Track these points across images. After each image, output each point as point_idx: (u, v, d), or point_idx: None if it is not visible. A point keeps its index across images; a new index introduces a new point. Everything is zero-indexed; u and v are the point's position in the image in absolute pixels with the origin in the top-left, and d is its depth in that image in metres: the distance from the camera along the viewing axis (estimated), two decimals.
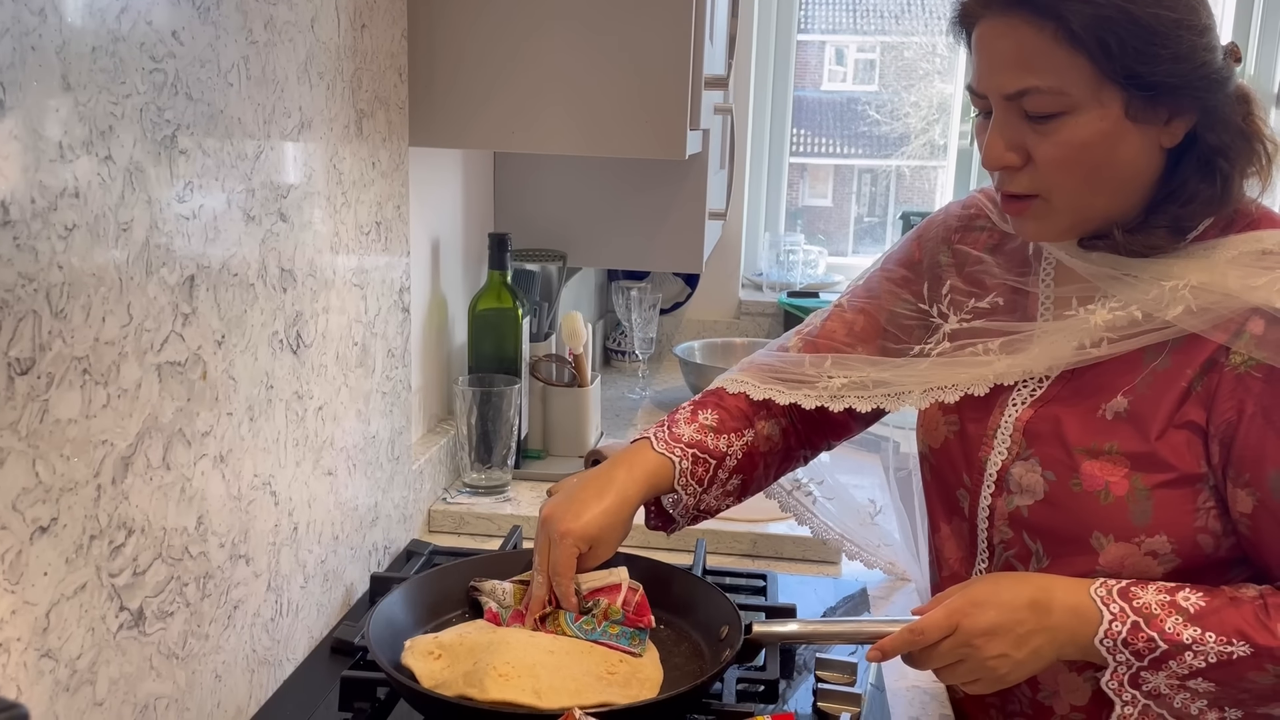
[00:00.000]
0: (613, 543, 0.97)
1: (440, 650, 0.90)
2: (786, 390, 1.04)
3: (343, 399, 1.08)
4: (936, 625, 0.87)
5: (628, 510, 0.97)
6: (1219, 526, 0.87)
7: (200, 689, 0.84)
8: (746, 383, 1.07)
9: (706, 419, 1.04)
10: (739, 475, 1.05)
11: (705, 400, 1.07)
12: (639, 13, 1.17)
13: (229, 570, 0.87)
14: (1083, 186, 0.87)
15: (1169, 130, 0.86)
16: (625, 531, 0.98)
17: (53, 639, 0.66)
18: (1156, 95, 0.83)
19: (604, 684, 0.87)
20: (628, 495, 0.97)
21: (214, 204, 0.81)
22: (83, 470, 0.68)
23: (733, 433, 1.04)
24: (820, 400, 1.03)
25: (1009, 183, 0.89)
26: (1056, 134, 0.85)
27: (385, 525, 1.22)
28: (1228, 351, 0.85)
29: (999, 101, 0.87)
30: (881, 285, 1.09)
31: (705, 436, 1.03)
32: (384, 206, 1.16)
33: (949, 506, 1.01)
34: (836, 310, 1.10)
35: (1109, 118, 0.84)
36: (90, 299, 0.67)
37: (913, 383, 0.99)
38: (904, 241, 1.11)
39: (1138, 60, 0.82)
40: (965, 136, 2.57)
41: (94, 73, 0.66)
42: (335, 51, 1.01)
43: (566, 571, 0.93)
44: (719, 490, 1.04)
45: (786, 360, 1.07)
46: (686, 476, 1.01)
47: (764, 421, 1.07)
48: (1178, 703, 0.85)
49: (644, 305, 2.07)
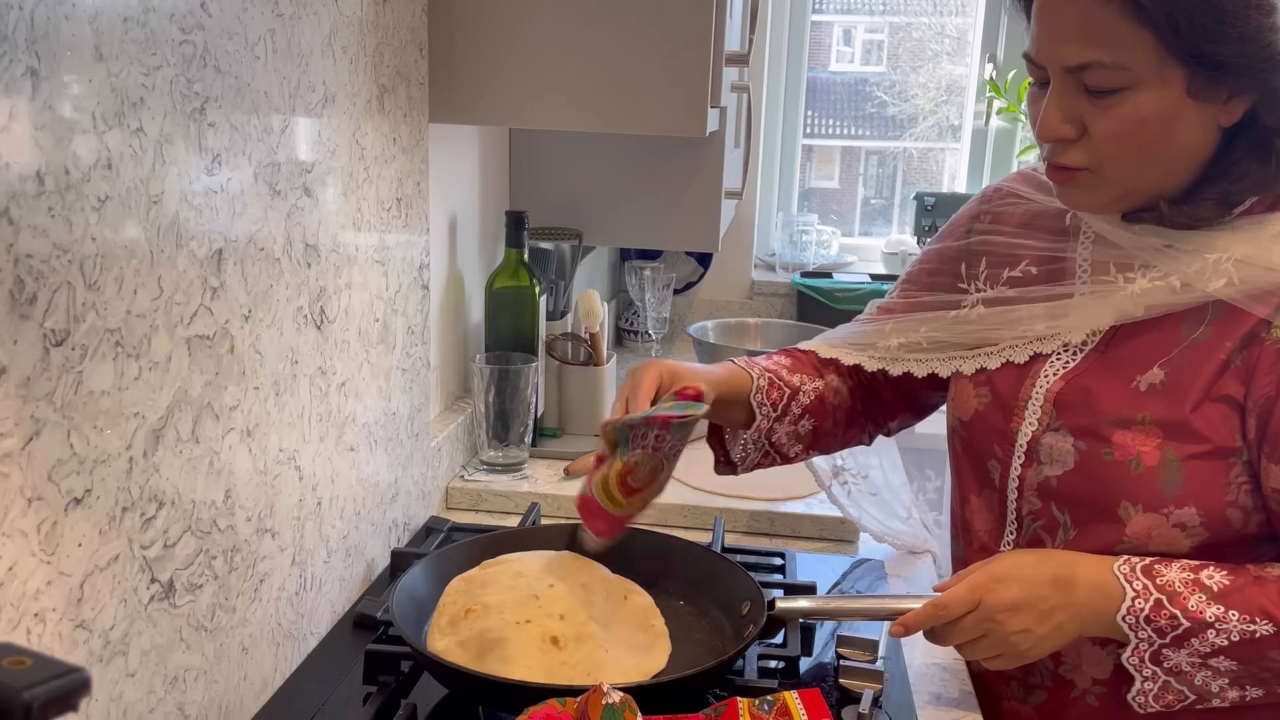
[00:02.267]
0: (691, 378, 0.98)
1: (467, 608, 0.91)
2: (853, 352, 1.09)
3: (364, 375, 1.08)
4: (959, 600, 0.87)
5: (710, 380, 1.00)
6: (1249, 502, 0.87)
7: (228, 661, 0.85)
8: (817, 345, 1.12)
9: (780, 360, 1.10)
10: (811, 417, 1.08)
11: (777, 351, 1.13)
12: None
13: (255, 544, 0.87)
14: (1136, 162, 0.86)
15: (1228, 109, 0.85)
16: (706, 381, 0.99)
17: (86, 610, 0.67)
18: (1220, 74, 0.82)
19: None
20: (709, 374, 1.01)
21: (241, 178, 0.81)
22: (115, 442, 0.68)
23: (805, 374, 1.09)
24: (881, 363, 1.07)
25: (1061, 155, 0.88)
26: (1116, 109, 0.84)
27: (405, 501, 1.23)
28: (1269, 326, 0.85)
29: (1058, 73, 0.85)
30: (920, 275, 1.10)
31: (780, 369, 1.08)
32: (404, 183, 1.15)
33: (981, 478, 1.01)
34: (886, 304, 1.11)
35: (1170, 96, 0.83)
36: (122, 271, 0.67)
37: (963, 339, 1.01)
38: (939, 233, 1.12)
39: (1205, 39, 0.80)
40: (980, 117, 2.56)
41: (125, 44, 0.66)
42: (358, 25, 1.00)
43: (644, 390, 0.94)
44: (791, 426, 1.07)
45: (849, 331, 1.12)
46: (762, 395, 1.05)
47: (834, 375, 1.11)
48: (1198, 680, 0.85)
49: (657, 285, 2.07)
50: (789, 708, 0.78)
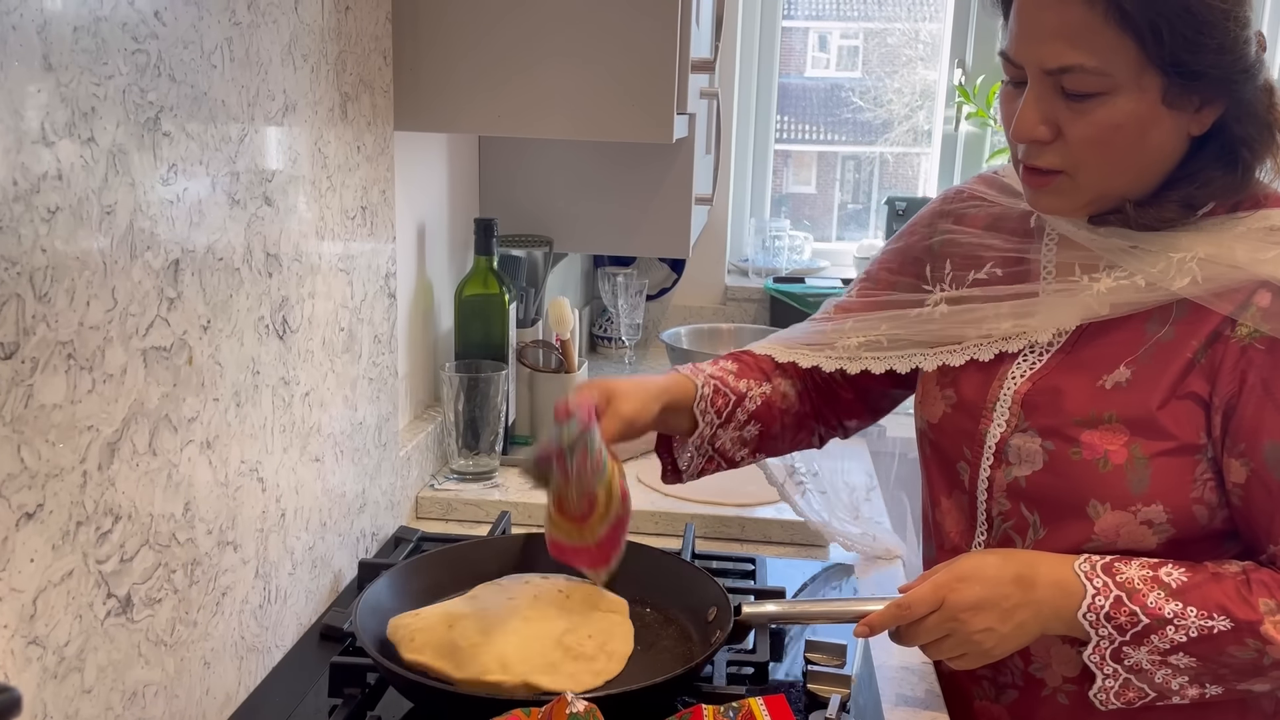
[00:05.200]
0: (631, 398, 0.96)
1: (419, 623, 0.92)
2: (810, 353, 1.07)
3: (329, 385, 1.07)
4: (923, 600, 0.87)
5: (650, 392, 0.98)
6: (1214, 498, 0.88)
7: (189, 676, 0.84)
8: (773, 347, 1.11)
9: (727, 365, 1.09)
10: (757, 423, 1.07)
11: (726, 356, 1.11)
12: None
13: (217, 557, 0.86)
14: (1110, 167, 0.87)
15: (1198, 118, 0.86)
16: (645, 402, 0.97)
17: (40, 626, 0.66)
18: (1195, 84, 0.83)
19: (570, 657, 0.89)
20: (651, 386, 0.99)
21: (198, 188, 0.80)
22: (68, 456, 0.67)
23: (752, 379, 1.08)
24: (839, 362, 1.06)
25: (1036, 157, 0.88)
26: (1092, 114, 0.84)
27: (373, 512, 1.22)
28: (1233, 324, 0.86)
29: (1036, 74, 0.85)
30: (881, 275, 1.10)
31: (726, 375, 1.07)
32: (369, 191, 1.15)
33: (950, 480, 1.01)
34: (844, 303, 1.11)
35: (1146, 102, 0.83)
36: (74, 283, 0.66)
37: (926, 337, 1.01)
38: (899, 232, 1.12)
39: (1185, 48, 0.81)
40: (950, 122, 2.58)
41: (75, 53, 0.65)
42: (319, 34, 1.00)
43: (581, 413, 0.92)
44: (736, 432, 1.06)
45: (806, 330, 1.11)
46: (706, 403, 1.04)
47: (782, 379, 1.10)
48: (1159, 678, 0.86)
49: (630, 291, 2.07)
50: (754, 714, 0.78)
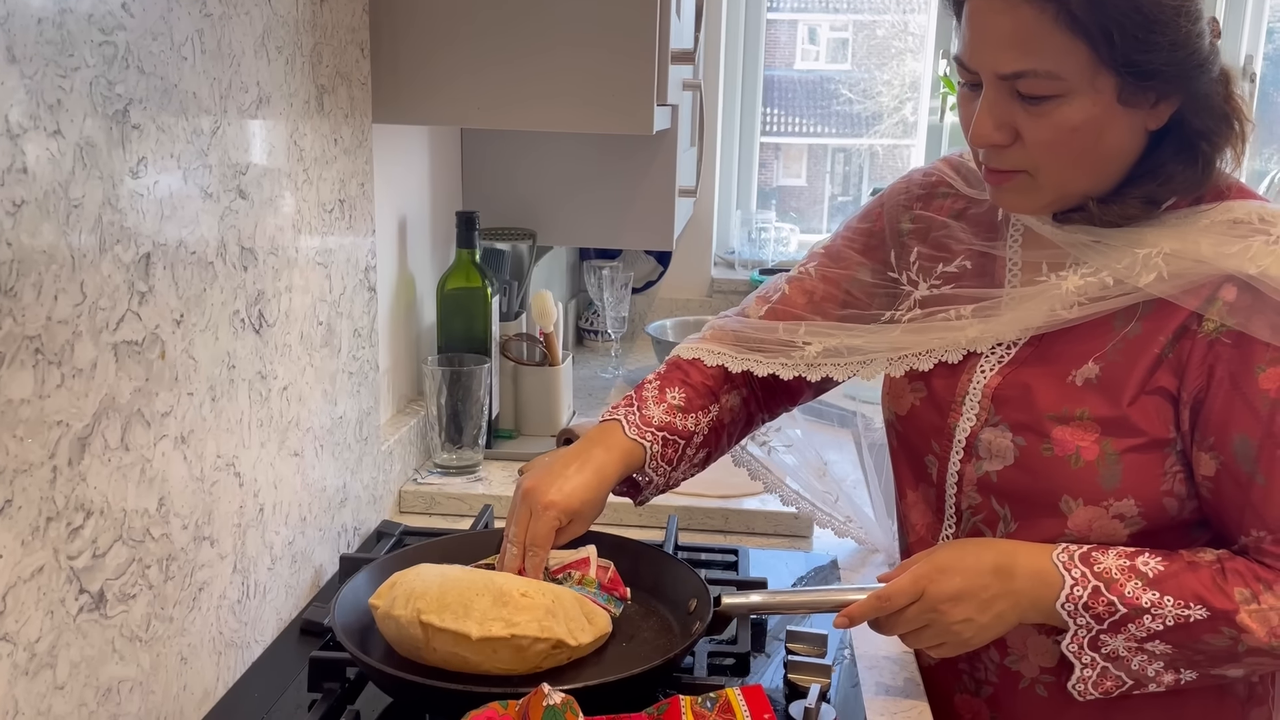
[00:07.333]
0: (589, 519, 0.97)
1: None
2: (765, 360, 1.04)
3: (308, 379, 1.07)
4: (902, 591, 0.88)
5: (606, 488, 0.98)
6: (1184, 490, 0.89)
7: (165, 671, 0.83)
8: (723, 354, 1.06)
9: (674, 398, 1.04)
10: (705, 449, 1.06)
11: (672, 376, 1.07)
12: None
13: (193, 552, 0.86)
14: (1069, 168, 0.87)
15: (1155, 113, 0.86)
16: (601, 508, 0.98)
17: (10, 622, 0.65)
18: (1150, 81, 0.83)
19: (551, 616, 0.88)
20: (606, 474, 0.97)
21: (170, 181, 0.80)
22: (37, 451, 0.67)
23: (699, 410, 1.05)
24: (798, 370, 1.03)
25: (995, 160, 0.89)
26: (1049, 116, 0.84)
27: (355, 506, 1.21)
28: (1200, 319, 0.86)
29: (991, 79, 0.86)
30: (844, 252, 1.08)
31: (674, 417, 1.03)
32: (347, 184, 1.14)
33: (917, 473, 1.01)
34: (799, 277, 1.09)
35: (1101, 103, 0.83)
36: (41, 277, 0.66)
37: (886, 348, 1.00)
38: (865, 209, 1.10)
39: (1137, 48, 0.81)
40: (934, 113, 2.57)
41: (40, 45, 0.65)
42: (293, 25, 0.99)
43: (545, 543, 0.93)
44: (686, 466, 1.05)
45: (757, 328, 1.06)
46: (658, 460, 1.01)
47: (728, 394, 1.08)
48: (1135, 665, 0.86)
49: (616, 284, 2.06)
50: (731, 704, 0.78)
